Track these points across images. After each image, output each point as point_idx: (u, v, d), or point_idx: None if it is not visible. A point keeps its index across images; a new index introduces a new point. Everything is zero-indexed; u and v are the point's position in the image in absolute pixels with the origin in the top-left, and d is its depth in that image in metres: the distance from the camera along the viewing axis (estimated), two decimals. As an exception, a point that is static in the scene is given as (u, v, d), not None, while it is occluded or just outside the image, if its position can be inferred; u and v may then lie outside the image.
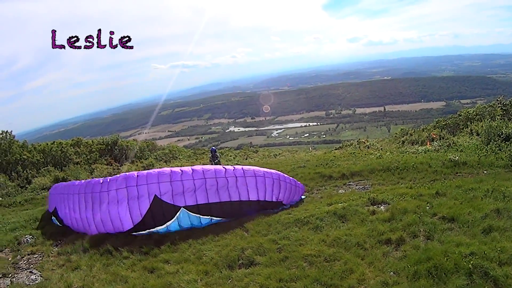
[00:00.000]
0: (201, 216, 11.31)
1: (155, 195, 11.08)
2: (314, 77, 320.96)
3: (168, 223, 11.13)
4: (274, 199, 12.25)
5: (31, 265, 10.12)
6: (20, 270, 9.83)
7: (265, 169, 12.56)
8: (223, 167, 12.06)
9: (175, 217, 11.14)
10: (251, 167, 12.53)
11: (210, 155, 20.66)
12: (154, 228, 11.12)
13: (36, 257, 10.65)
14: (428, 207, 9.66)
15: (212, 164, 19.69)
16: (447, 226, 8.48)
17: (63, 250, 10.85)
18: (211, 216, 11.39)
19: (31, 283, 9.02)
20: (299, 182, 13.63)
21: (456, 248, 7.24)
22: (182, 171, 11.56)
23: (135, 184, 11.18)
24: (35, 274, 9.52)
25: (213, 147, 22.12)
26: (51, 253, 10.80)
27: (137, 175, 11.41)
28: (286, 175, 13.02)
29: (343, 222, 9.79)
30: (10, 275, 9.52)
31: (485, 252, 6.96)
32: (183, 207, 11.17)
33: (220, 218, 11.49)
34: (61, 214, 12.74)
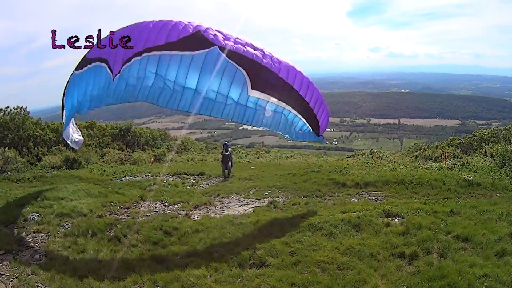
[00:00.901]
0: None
1: None
2: (332, 83, 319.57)
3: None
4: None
5: (36, 244, 9.98)
6: (24, 248, 9.68)
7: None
8: None
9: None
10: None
11: (223, 149, 20.38)
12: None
13: (41, 236, 10.49)
14: (442, 225, 9.63)
15: (224, 158, 19.87)
16: (461, 245, 8.46)
17: (70, 231, 10.67)
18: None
19: (34, 263, 8.84)
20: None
21: (470, 269, 7.24)
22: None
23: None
24: (39, 253, 9.37)
25: (226, 142, 21.89)
26: (58, 233, 10.61)
27: None
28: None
29: (357, 231, 9.77)
30: (13, 252, 9.36)
31: (499, 275, 6.97)
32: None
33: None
34: None
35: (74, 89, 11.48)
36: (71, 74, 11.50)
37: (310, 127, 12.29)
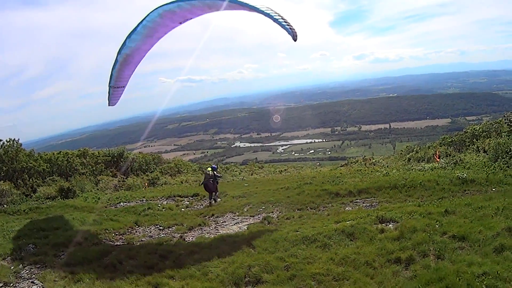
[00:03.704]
0: None
1: None
2: (320, 93, 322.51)
3: None
4: None
5: (33, 275, 9.88)
6: (22, 280, 9.63)
7: None
8: None
9: None
10: None
11: (208, 173, 18.83)
12: None
13: (38, 267, 10.40)
14: (437, 226, 9.53)
15: (209, 183, 18.56)
16: (458, 245, 8.35)
17: (66, 261, 10.63)
18: None
19: None
20: None
21: (468, 268, 7.12)
22: None
23: None
24: (37, 284, 9.31)
25: (214, 165, 20.21)
26: (54, 264, 10.54)
27: None
28: None
29: (352, 240, 9.68)
30: (11, 284, 9.34)
31: (499, 272, 6.84)
32: None
33: None
34: None
35: None
36: None
37: None
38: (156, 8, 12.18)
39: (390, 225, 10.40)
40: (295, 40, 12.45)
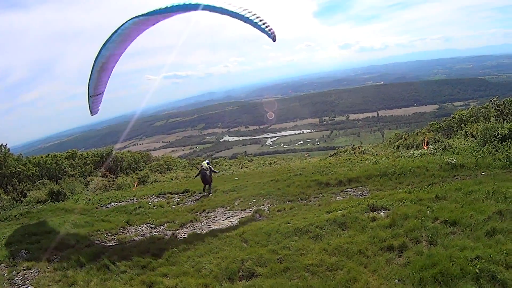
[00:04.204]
0: None
1: None
2: (307, 84, 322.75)
3: None
4: None
5: (27, 281, 9.91)
6: (16, 286, 9.66)
7: None
8: None
9: None
10: None
11: (204, 166, 19.82)
12: None
13: (32, 272, 10.42)
14: (429, 212, 9.53)
15: (206, 174, 19.48)
16: (450, 230, 8.36)
17: (59, 265, 10.57)
18: None
19: None
20: None
21: (461, 253, 7.14)
22: None
23: None
24: (30, 290, 9.29)
25: (207, 161, 21.30)
26: (47, 268, 10.54)
27: None
28: None
29: (344, 230, 9.67)
30: None
31: (491, 256, 6.87)
32: None
33: None
34: None
35: None
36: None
37: None
38: (132, 18, 12.68)
39: (381, 213, 10.39)
40: (274, 41, 12.61)
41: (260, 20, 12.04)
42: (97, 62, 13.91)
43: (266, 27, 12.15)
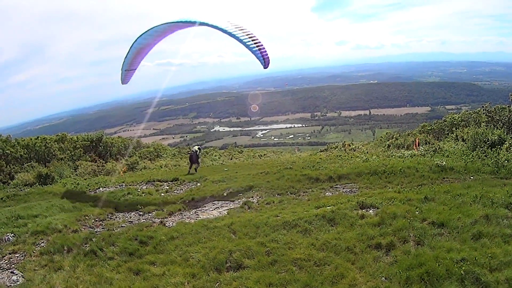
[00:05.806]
0: None
1: None
2: (300, 79, 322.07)
3: None
4: None
5: (13, 265, 9.75)
6: (1, 270, 9.49)
7: None
8: None
9: None
10: None
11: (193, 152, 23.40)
12: None
13: (17, 256, 10.25)
14: (417, 212, 9.62)
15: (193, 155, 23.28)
16: (437, 231, 8.45)
17: (46, 249, 10.44)
18: None
19: (12, 284, 8.71)
20: None
21: (447, 254, 7.25)
22: None
23: None
24: (16, 274, 9.18)
25: (198, 147, 24.85)
26: (33, 252, 10.40)
27: None
28: None
29: (332, 226, 9.68)
30: None
31: (476, 258, 7.01)
32: None
33: None
34: None
35: None
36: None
37: None
38: (166, 22, 16.12)
39: (370, 211, 10.45)
40: (265, 67, 12.85)
41: (255, 43, 12.14)
42: (135, 46, 17.11)
43: (260, 50, 12.24)
